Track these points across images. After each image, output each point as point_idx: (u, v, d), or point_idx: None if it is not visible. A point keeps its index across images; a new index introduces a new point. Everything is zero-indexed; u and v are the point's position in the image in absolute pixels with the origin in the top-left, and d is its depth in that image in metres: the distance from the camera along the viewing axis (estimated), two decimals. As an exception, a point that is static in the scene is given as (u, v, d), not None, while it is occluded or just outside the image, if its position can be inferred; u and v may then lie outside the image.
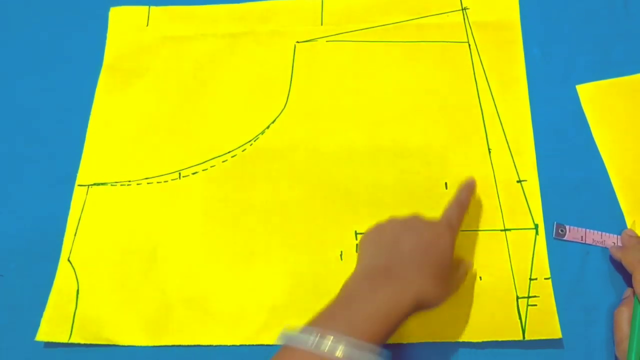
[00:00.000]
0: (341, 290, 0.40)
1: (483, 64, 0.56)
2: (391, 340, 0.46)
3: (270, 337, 0.48)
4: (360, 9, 0.60)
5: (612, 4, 0.58)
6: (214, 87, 0.59)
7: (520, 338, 0.45)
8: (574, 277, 0.47)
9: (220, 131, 0.57)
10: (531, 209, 0.50)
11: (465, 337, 0.46)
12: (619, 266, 0.47)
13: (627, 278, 0.46)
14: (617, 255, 0.46)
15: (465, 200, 0.47)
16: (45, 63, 0.63)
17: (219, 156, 0.55)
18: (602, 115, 0.53)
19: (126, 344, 0.49)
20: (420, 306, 0.39)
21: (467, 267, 0.47)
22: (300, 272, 0.50)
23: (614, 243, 0.48)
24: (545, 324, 0.45)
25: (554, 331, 0.45)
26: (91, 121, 0.58)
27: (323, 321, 0.38)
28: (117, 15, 0.63)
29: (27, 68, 0.63)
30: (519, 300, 0.47)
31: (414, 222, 0.43)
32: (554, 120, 0.53)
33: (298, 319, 0.47)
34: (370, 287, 0.39)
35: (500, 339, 0.45)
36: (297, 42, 0.60)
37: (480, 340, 0.46)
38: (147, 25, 0.63)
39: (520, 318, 0.46)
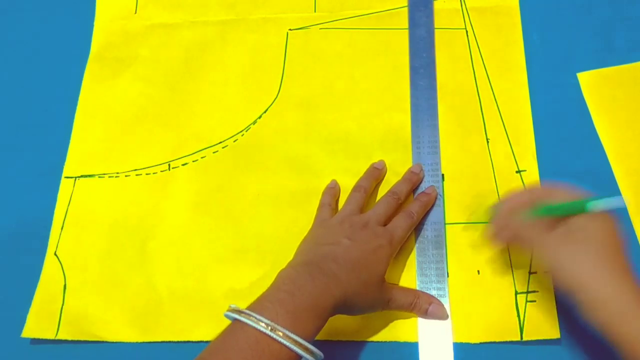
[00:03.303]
0: (281, 277, 0.41)
1: (481, 50, 0.55)
2: (390, 339, 0.45)
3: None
4: (355, -5, 0.59)
5: (614, -11, 0.56)
6: (204, 76, 0.58)
7: (518, 339, 0.44)
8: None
9: (210, 121, 0.56)
10: (531, 200, 0.49)
11: (462, 338, 0.45)
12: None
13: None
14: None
15: (417, 213, 0.47)
16: (30, 51, 0.62)
17: (209, 147, 0.54)
18: (604, 104, 0.52)
19: (115, 340, 0.48)
20: (344, 304, 0.41)
21: (414, 303, 0.45)
22: (293, 266, 0.49)
23: None
24: (544, 322, 0.44)
25: (553, 331, 0.44)
26: (78, 111, 0.58)
27: (269, 306, 0.38)
28: (104, 2, 0.62)
29: (11, 56, 0.62)
30: (518, 295, 0.46)
31: (357, 232, 0.44)
32: (554, 108, 0.52)
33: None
34: (310, 277, 0.40)
35: (497, 340, 0.44)
36: (290, 29, 0.59)
37: (477, 341, 0.45)
38: (135, 13, 0.62)
39: (518, 316, 0.45)
